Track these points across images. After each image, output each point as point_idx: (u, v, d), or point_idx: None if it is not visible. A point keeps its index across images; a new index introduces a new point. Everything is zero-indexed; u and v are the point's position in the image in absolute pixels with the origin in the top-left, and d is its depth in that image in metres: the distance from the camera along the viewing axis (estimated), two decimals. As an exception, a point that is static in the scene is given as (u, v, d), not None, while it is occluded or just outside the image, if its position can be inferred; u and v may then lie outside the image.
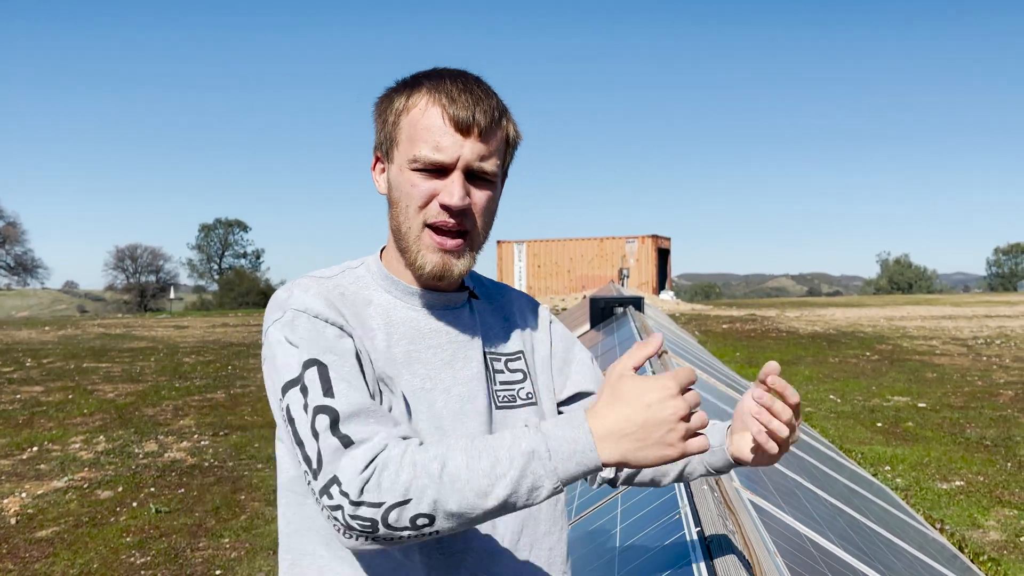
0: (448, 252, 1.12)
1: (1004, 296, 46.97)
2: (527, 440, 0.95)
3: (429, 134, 1.08)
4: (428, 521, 0.94)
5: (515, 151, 1.20)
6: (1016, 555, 4.77)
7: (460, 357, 1.18)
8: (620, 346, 6.95)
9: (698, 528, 1.75)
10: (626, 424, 0.95)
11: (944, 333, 19.85)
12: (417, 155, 1.09)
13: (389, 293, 1.18)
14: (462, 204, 1.09)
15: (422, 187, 1.10)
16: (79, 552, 4.93)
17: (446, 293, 1.20)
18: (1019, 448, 7.41)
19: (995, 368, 13.05)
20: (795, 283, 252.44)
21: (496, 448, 0.95)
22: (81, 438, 8.24)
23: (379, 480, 0.94)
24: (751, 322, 24.55)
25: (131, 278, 69.79)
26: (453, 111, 1.08)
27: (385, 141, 1.15)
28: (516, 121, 1.19)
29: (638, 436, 0.95)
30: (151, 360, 15.62)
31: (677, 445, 0.95)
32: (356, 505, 0.93)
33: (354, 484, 0.94)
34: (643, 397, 0.96)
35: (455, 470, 0.94)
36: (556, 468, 0.94)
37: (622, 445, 0.95)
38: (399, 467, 0.94)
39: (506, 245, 41.74)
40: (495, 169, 1.12)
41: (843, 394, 10.72)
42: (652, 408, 0.95)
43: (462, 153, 1.08)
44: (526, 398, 1.25)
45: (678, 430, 0.95)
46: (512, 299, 1.34)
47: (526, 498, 0.95)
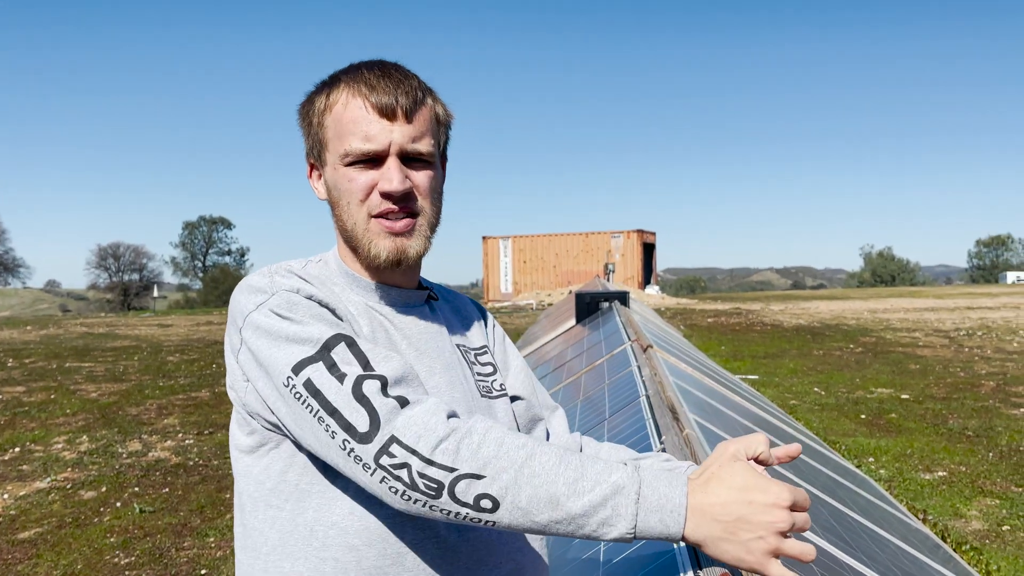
0: (399, 235, 1.09)
1: (985, 288, 47.45)
2: (620, 474, 0.91)
3: (356, 126, 1.06)
4: (492, 505, 0.89)
5: (448, 130, 1.17)
6: (998, 544, 4.83)
7: (431, 350, 1.17)
8: (605, 341, 6.96)
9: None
10: (722, 510, 0.89)
11: (927, 325, 20.02)
12: (348, 149, 1.07)
13: (351, 290, 1.15)
14: (403, 188, 1.07)
15: (360, 180, 1.08)
16: (62, 553, 4.88)
17: (407, 291, 1.18)
18: (1000, 438, 7.49)
19: (977, 359, 13.18)
20: (780, 276, 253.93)
21: (586, 467, 0.91)
22: (64, 438, 8.17)
23: (458, 445, 0.89)
24: (736, 316, 24.66)
25: (114, 277, 69.29)
26: (375, 98, 1.06)
27: (315, 145, 1.13)
28: (444, 100, 1.16)
29: (728, 528, 0.89)
30: (135, 359, 15.50)
31: (760, 557, 0.89)
32: (427, 463, 0.89)
33: (426, 441, 0.89)
34: (750, 493, 0.90)
35: (539, 466, 0.89)
36: (637, 514, 0.89)
37: (709, 528, 0.89)
38: (483, 440, 0.90)
39: (492, 241, 41.72)
40: (430, 148, 1.10)
41: (827, 386, 10.79)
42: (754, 507, 0.89)
43: (392, 138, 1.06)
44: (500, 389, 1.25)
45: (769, 542, 0.88)
46: (465, 301, 1.36)
47: (594, 528, 0.89)
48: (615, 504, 0.89)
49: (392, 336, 1.13)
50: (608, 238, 40.45)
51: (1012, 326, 19.07)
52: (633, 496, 0.89)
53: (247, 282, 1.09)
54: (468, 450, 0.89)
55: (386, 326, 1.14)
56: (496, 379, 1.26)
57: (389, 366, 0.97)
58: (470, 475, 0.88)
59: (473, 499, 0.89)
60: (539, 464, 0.89)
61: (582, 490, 0.89)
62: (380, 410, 0.92)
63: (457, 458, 0.89)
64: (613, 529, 0.89)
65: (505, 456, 0.89)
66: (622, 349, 5.78)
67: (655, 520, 0.89)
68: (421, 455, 0.89)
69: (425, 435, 0.90)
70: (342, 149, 1.08)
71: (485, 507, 0.89)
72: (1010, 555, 4.64)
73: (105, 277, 69.52)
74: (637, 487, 0.89)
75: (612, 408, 3.88)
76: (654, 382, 4.05)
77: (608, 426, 3.50)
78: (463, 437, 0.90)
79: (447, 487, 0.88)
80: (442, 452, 0.89)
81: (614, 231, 40.55)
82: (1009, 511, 5.41)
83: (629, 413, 3.53)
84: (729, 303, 33.49)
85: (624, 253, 40.14)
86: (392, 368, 0.97)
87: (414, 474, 0.89)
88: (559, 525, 0.89)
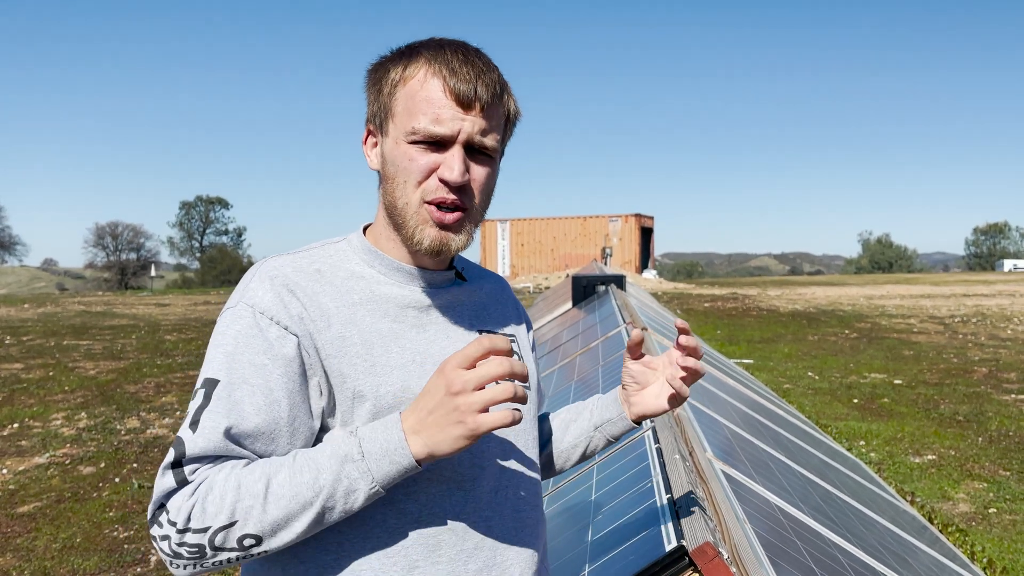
0: (447, 228, 1.08)
1: (982, 275, 47.54)
2: (343, 445, 0.96)
3: (429, 106, 1.04)
4: (255, 541, 0.95)
5: (514, 127, 1.17)
6: (984, 526, 4.90)
7: (446, 335, 1.14)
8: (600, 324, 7.00)
9: (668, 495, 1.80)
10: (424, 414, 0.95)
11: (922, 311, 20.10)
12: (416, 127, 1.04)
13: (372, 268, 1.13)
14: (462, 180, 1.05)
15: (421, 161, 1.05)
16: (62, 527, 4.95)
17: (432, 272, 1.16)
18: (991, 423, 7.56)
19: (970, 346, 13.26)
20: (777, 262, 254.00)
21: (318, 458, 0.96)
22: (62, 415, 8.23)
23: (203, 506, 0.94)
24: (732, 300, 24.72)
25: (111, 256, 69.15)
26: (454, 83, 1.04)
27: (379, 112, 1.10)
28: (516, 97, 1.15)
29: (433, 423, 0.94)
30: (132, 337, 15.54)
31: (467, 421, 0.92)
32: (182, 532, 0.94)
33: (181, 514, 0.95)
34: (430, 382, 0.96)
35: (279, 487, 0.95)
36: (370, 469, 0.94)
37: (425, 437, 0.95)
38: (223, 489, 0.95)
39: (489, 224, 41.67)
40: (495, 144, 1.08)
41: (821, 371, 10.87)
42: (433, 390, 0.94)
43: (463, 127, 1.05)
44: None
45: (458, 407, 0.92)
46: (499, 283, 1.33)
47: (343, 502, 0.95)
48: (348, 473, 0.95)
49: (397, 328, 1.10)
50: (606, 222, 40.45)
51: (1007, 313, 19.16)
52: (358, 456, 0.95)
53: (248, 273, 1.11)
54: (213, 505, 0.94)
55: (394, 314, 1.11)
56: None
57: (202, 442, 0.98)
58: (223, 527, 0.94)
59: (237, 543, 0.95)
60: (278, 485, 0.95)
61: (323, 482, 0.95)
62: (157, 486, 0.98)
63: (205, 517, 0.94)
64: (359, 494, 0.95)
65: (247, 495, 0.94)
66: (617, 332, 5.83)
67: (386, 464, 0.95)
68: (177, 527, 0.95)
69: (182, 508, 0.95)
70: (410, 126, 1.05)
71: (249, 544, 0.95)
72: (996, 537, 4.72)
73: (102, 256, 69.43)
74: (358, 447, 0.95)
75: (605, 388, 3.93)
76: (647, 363, 4.10)
77: (601, 406, 3.55)
78: (206, 495, 0.95)
79: (207, 545, 0.94)
80: (193, 518, 0.94)
81: (612, 215, 40.53)
82: (996, 494, 5.49)
83: (622, 393, 3.58)
84: (726, 288, 33.54)
85: (622, 237, 40.16)
86: (202, 445, 0.98)
87: (173, 545, 0.95)
88: (322, 519, 0.96)
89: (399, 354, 1.08)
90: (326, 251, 1.14)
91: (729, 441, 3.10)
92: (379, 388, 1.05)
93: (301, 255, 1.12)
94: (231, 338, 1.03)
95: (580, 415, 1.36)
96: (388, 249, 1.14)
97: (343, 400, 1.05)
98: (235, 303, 1.06)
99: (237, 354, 1.02)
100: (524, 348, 1.29)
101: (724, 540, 1.61)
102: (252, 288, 1.06)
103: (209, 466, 0.99)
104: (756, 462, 3.00)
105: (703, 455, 2.42)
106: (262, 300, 1.04)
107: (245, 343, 1.03)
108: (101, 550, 4.57)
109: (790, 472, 3.33)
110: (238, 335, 1.03)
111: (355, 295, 1.10)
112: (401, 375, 1.07)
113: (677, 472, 2.00)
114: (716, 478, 2.17)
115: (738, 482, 2.36)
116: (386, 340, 1.08)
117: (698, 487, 1.91)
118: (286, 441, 1.03)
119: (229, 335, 1.04)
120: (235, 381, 1.01)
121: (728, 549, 1.55)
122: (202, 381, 1.02)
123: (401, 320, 1.11)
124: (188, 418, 1.00)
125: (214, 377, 1.01)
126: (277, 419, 1.01)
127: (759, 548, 1.77)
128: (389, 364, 1.07)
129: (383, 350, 1.07)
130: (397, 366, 1.07)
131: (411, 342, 1.10)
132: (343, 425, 1.06)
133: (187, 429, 0.99)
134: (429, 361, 1.10)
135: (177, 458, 0.98)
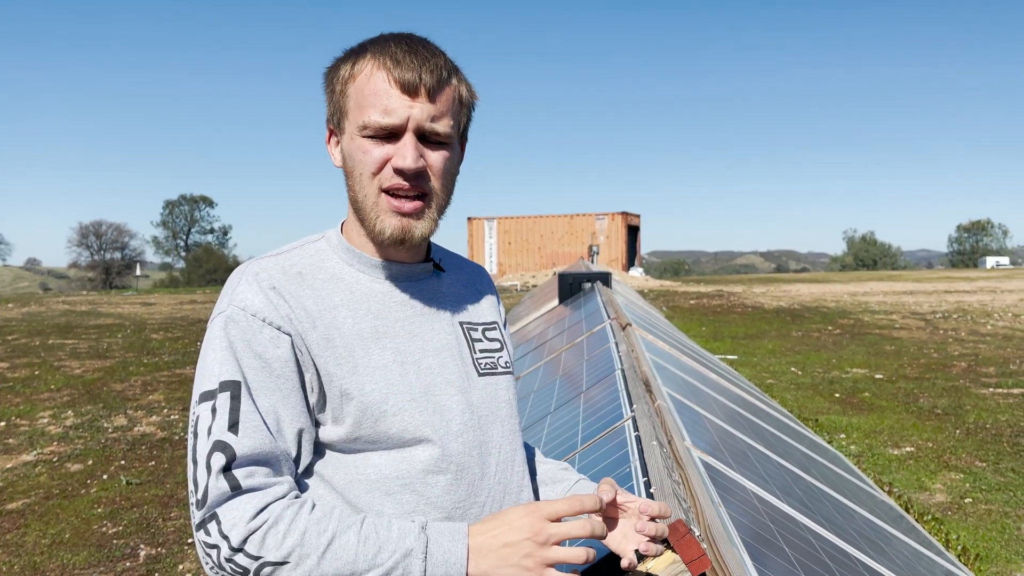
0: (407, 215, 1.10)
1: (964, 272, 48.03)
2: (411, 538, 1.00)
3: (376, 99, 1.06)
4: None
5: (471, 111, 1.17)
6: (959, 516, 5.02)
7: (427, 329, 1.17)
8: (586, 320, 7.08)
9: (645, 479, 1.87)
10: (493, 540, 1.00)
11: (904, 308, 20.32)
12: (366, 121, 1.07)
13: (351, 266, 1.16)
14: (416, 166, 1.07)
15: (374, 153, 1.08)
16: (50, 523, 4.97)
17: (410, 265, 1.18)
18: (968, 416, 7.70)
19: (951, 341, 13.44)
20: (763, 260, 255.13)
21: (383, 538, 1.00)
22: (49, 413, 8.22)
23: (264, 536, 0.97)
24: (718, 298, 24.89)
25: (95, 255, 68.69)
26: (399, 73, 1.06)
27: (335, 112, 1.13)
28: (469, 81, 1.16)
29: (500, 555, 0.99)
30: (118, 336, 15.49)
31: (536, 571, 0.99)
32: (234, 551, 0.97)
33: (237, 531, 0.97)
34: (511, 516, 1.01)
35: (340, 549, 0.98)
36: (426, 570, 0.98)
37: (487, 561, 0.99)
38: (288, 530, 0.97)
39: (477, 222, 41.69)
40: (448, 130, 1.09)
41: (804, 366, 11.00)
42: (514, 528, 1.00)
43: (411, 114, 1.06)
44: (504, 366, 1.26)
45: (533, 554, 0.99)
46: (478, 272, 1.36)
47: None
48: (406, 566, 0.98)
49: (379, 324, 1.14)
50: (593, 220, 40.57)
51: (987, 309, 19.40)
52: (420, 556, 0.99)
53: (230, 278, 1.14)
54: (273, 540, 0.97)
55: (376, 311, 1.14)
56: (502, 356, 1.26)
57: (250, 439, 1.01)
58: (274, 563, 0.97)
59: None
60: (339, 547, 0.98)
61: (380, 562, 0.98)
62: (211, 491, 0.99)
63: (262, 547, 0.97)
64: None
65: (308, 543, 0.97)
66: (602, 327, 5.91)
67: (441, 573, 0.99)
68: (231, 543, 0.97)
69: (239, 524, 0.97)
70: (361, 120, 1.08)
71: None
72: (970, 526, 4.83)
73: (87, 255, 69.00)
74: (424, 547, 0.99)
75: (589, 382, 4.00)
76: (630, 357, 4.18)
77: (584, 399, 3.62)
78: (270, 527, 0.97)
79: (252, 572, 0.97)
80: (250, 543, 0.97)
81: (599, 213, 40.65)
82: (972, 485, 5.61)
83: (604, 386, 3.65)
84: (712, 286, 33.74)
85: (609, 235, 40.28)
86: (251, 443, 1.01)
87: (221, 558, 0.97)
88: None
89: (379, 354, 1.11)
90: (306, 251, 1.16)
91: (710, 432, 3.18)
92: (364, 387, 1.09)
93: (283, 257, 1.14)
94: (230, 341, 1.05)
95: (554, 485, 1.37)
96: (361, 244, 1.16)
97: (332, 397, 1.09)
98: (225, 307, 1.08)
99: (241, 356, 1.05)
100: (506, 334, 1.33)
101: (698, 521, 1.68)
102: (240, 291, 1.08)
103: (265, 472, 1.02)
104: (736, 452, 3.08)
105: (681, 444, 2.49)
106: (252, 302, 1.07)
107: (245, 345, 1.05)
108: (90, 545, 4.60)
109: (769, 462, 3.41)
110: (236, 338, 1.05)
111: (336, 297, 1.12)
112: (384, 375, 1.10)
113: (654, 458, 2.07)
114: (693, 464, 2.25)
115: (716, 470, 2.44)
116: (367, 341, 1.11)
117: (674, 471, 1.99)
118: (293, 440, 1.08)
119: (227, 339, 1.06)
120: (251, 380, 1.04)
121: (701, 528, 1.62)
122: (219, 384, 1.03)
123: (382, 317, 1.13)
124: (222, 421, 1.01)
125: (232, 379, 1.03)
126: (291, 416, 1.07)
127: (732, 529, 1.84)
128: (371, 365, 1.10)
129: (364, 351, 1.10)
130: (379, 366, 1.10)
131: (392, 340, 1.13)
132: (334, 422, 1.10)
133: (227, 433, 1.00)
134: (410, 360, 1.13)
135: (228, 462, 0.99)
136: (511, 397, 1.25)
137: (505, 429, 1.22)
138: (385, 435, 1.09)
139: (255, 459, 1.01)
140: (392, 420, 1.09)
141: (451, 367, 1.17)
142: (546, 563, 0.98)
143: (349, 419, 1.09)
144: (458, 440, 1.14)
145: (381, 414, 1.09)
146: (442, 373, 1.15)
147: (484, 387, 1.20)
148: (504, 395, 1.23)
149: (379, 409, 1.09)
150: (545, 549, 0.98)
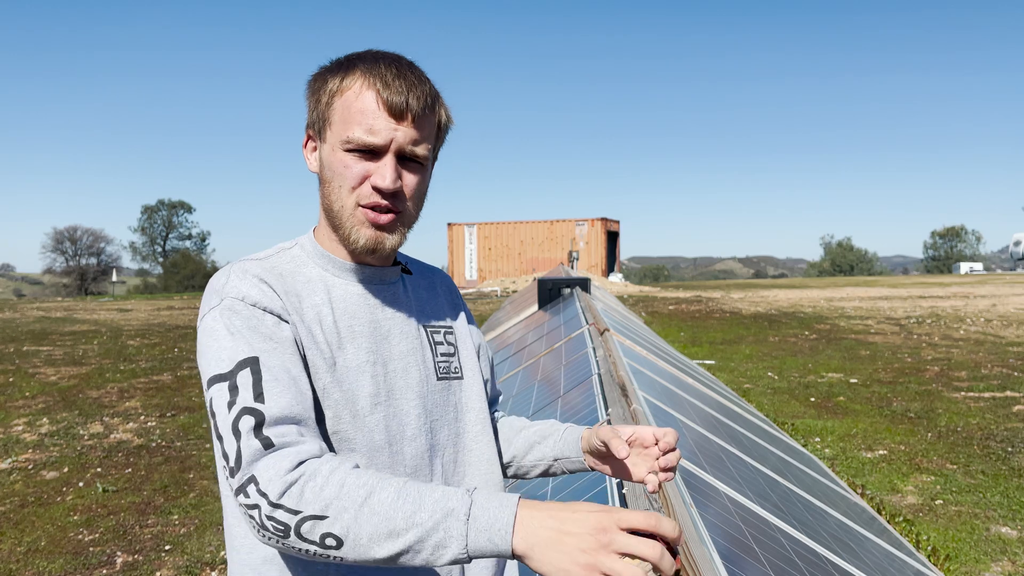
0: (381, 228, 1.14)
1: (939, 278, 48.68)
2: (454, 499, 0.94)
3: (363, 117, 1.10)
4: (337, 543, 0.94)
5: (446, 135, 1.23)
6: (930, 517, 5.11)
7: (396, 332, 1.21)
8: (565, 325, 7.13)
9: (618, 480, 1.91)
10: (553, 519, 0.90)
11: (879, 313, 20.58)
12: (351, 137, 1.11)
13: (326, 271, 1.19)
14: (394, 187, 1.11)
15: (355, 168, 1.12)
16: (26, 530, 4.93)
17: (380, 269, 1.22)
18: (940, 419, 7.83)
19: (924, 346, 13.64)
20: (742, 266, 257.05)
21: (424, 497, 0.94)
22: (24, 420, 8.13)
23: (302, 489, 0.95)
24: (696, 303, 25.07)
25: (71, 261, 67.73)
26: (387, 96, 1.10)
27: (318, 120, 1.17)
28: (448, 106, 1.21)
29: (554, 539, 0.89)
30: (94, 343, 15.33)
31: (583, 568, 0.87)
32: (274, 507, 0.95)
33: (275, 485, 0.95)
34: (580, 505, 0.92)
35: (378, 503, 0.94)
36: (467, 534, 0.92)
37: (536, 536, 0.90)
38: (326, 482, 0.95)
39: (457, 228, 41.71)
40: (426, 153, 1.14)
41: (780, 371, 11.12)
42: (577, 516, 0.90)
43: (395, 137, 1.11)
44: (455, 372, 1.29)
45: (592, 556, 0.87)
46: (440, 277, 1.39)
47: (431, 552, 0.93)
48: (447, 527, 0.92)
49: (355, 324, 1.17)
50: (573, 226, 40.71)
51: (960, 314, 19.70)
52: (463, 518, 0.92)
53: (212, 281, 1.15)
54: (311, 492, 0.95)
55: (351, 311, 1.18)
56: (453, 361, 1.29)
57: (277, 403, 1.01)
58: (313, 516, 0.94)
59: (319, 537, 0.94)
60: (378, 501, 0.94)
61: (419, 521, 0.92)
62: (244, 451, 0.98)
63: (300, 501, 0.94)
64: (447, 552, 0.92)
65: (346, 496, 0.94)
66: (580, 332, 5.96)
67: (484, 539, 0.91)
68: (269, 499, 0.95)
69: (277, 480, 0.95)
70: (345, 135, 1.11)
71: (330, 544, 0.94)
72: (941, 527, 4.92)
73: (61, 261, 67.98)
74: (467, 508, 0.92)
75: (567, 387, 4.05)
76: (607, 362, 4.23)
77: (562, 403, 3.66)
78: (308, 480, 0.95)
79: (293, 528, 0.94)
80: (288, 496, 0.95)
81: (579, 219, 40.81)
82: (943, 487, 5.71)
83: (582, 390, 3.70)
84: (691, 291, 33.97)
85: (588, 241, 40.43)
86: (279, 405, 1.01)
87: (263, 516, 0.95)
88: (404, 556, 0.93)
89: (355, 354, 1.15)
90: (283, 257, 1.19)
91: (686, 437, 3.23)
92: (341, 384, 1.12)
93: (263, 261, 1.17)
94: (235, 328, 1.06)
95: (545, 440, 1.40)
96: (332, 249, 1.20)
97: (317, 388, 1.12)
98: (218, 302, 1.09)
99: (251, 338, 1.05)
100: (462, 337, 1.35)
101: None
102: (233, 284, 1.10)
103: (297, 431, 1.00)
104: (711, 456, 3.13)
105: (656, 447, 2.53)
106: (249, 293, 1.09)
107: (251, 330, 1.06)
108: (66, 553, 4.57)
109: (744, 466, 3.47)
110: (240, 325, 1.06)
111: (316, 296, 1.16)
112: (356, 375, 1.14)
113: (628, 460, 2.11)
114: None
115: (691, 473, 2.48)
116: (344, 340, 1.14)
117: (647, 474, 2.03)
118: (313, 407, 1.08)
119: (231, 326, 1.06)
120: (266, 354, 1.05)
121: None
122: (235, 364, 1.03)
123: (358, 317, 1.17)
124: (246, 394, 1.01)
125: (248, 356, 1.04)
126: (308, 385, 1.08)
127: (704, 532, 1.89)
128: (346, 365, 1.14)
129: (340, 352, 1.14)
130: (353, 367, 1.14)
131: (367, 340, 1.16)
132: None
133: (254, 403, 1.00)
134: (380, 361, 1.17)
135: (258, 423, 0.99)
136: (459, 401, 1.28)
137: (450, 432, 1.25)
138: (354, 437, 1.12)
139: (285, 419, 1.00)
140: (365, 420, 1.13)
141: (413, 371, 1.21)
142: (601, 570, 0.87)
143: (330, 412, 1.12)
144: (412, 444, 1.18)
145: (354, 415, 1.12)
146: (404, 377, 1.19)
147: (439, 391, 1.24)
148: (453, 399, 1.27)
149: (352, 409, 1.12)
150: (603, 553, 0.87)
